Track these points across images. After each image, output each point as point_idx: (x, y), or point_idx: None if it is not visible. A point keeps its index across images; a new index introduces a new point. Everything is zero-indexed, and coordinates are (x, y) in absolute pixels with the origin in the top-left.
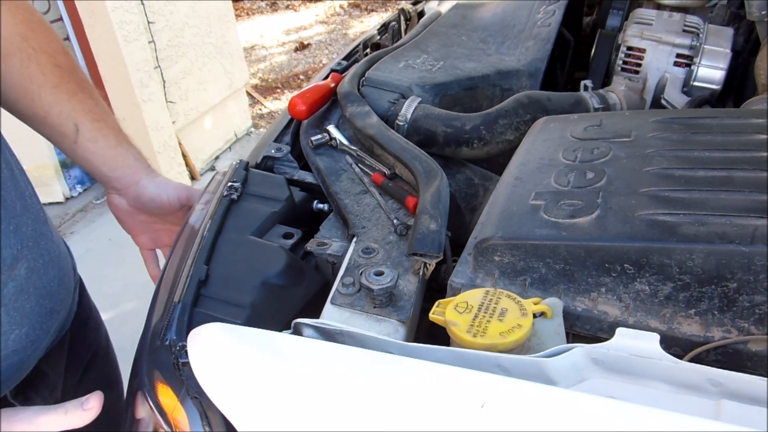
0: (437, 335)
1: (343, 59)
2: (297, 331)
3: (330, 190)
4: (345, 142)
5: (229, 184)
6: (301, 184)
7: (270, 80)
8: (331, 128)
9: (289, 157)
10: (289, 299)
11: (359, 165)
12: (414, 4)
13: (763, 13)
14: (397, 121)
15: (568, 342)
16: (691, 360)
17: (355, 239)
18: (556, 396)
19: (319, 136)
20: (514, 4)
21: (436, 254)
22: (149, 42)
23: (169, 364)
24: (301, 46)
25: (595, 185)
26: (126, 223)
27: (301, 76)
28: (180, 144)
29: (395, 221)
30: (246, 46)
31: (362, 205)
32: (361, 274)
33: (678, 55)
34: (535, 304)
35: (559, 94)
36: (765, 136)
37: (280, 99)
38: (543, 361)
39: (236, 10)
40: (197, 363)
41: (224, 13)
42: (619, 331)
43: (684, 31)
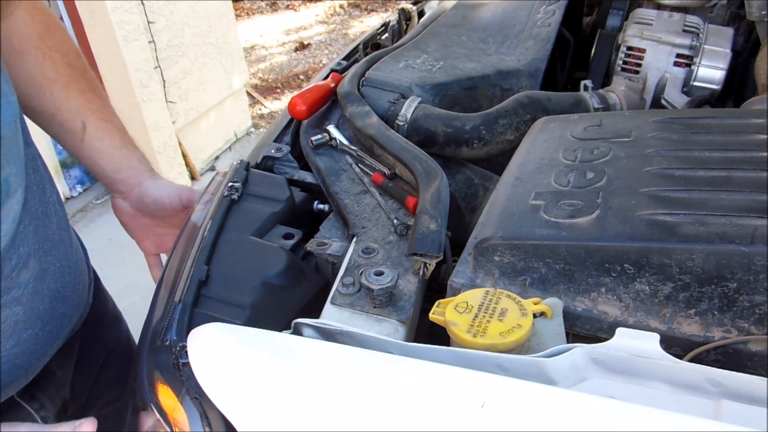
0: (437, 335)
1: (343, 59)
2: (297, 331)
3: (330, 190)
4: (345, 142)
5: (230, 184)
6: (302, 184)
7: (270, 80)
8: (331, 128)
9: (289, 157)
10: (290, 299)
11: (359, 165)
12: (414, 4)
13: (763, 13)
14: (397, 121)
15: (568, 342)
16: (691, 360)
17: (355, 239)
18: (556, 396)
19: (319, 136)
20: (514, 4)
21: (436, 254)
22: (149, 42)
23: (169, 364)
24: (301, 46)
25: (595, 185)
26: (130, 227)
27: (301, 76)
28: (180, 144)
29: (395, 221)
30: (246, 46)
31: (362, 205)
32: (361, 274)
33: (678, 55)
34: (535, 304)
35: (559, 94)
36: (765, 136)
37: (280, 99)
38: (543, 361)
39: (236, 10)
40: (197, 363)
41: (224, 13)
42: (619, 331)
43: (684, 31)
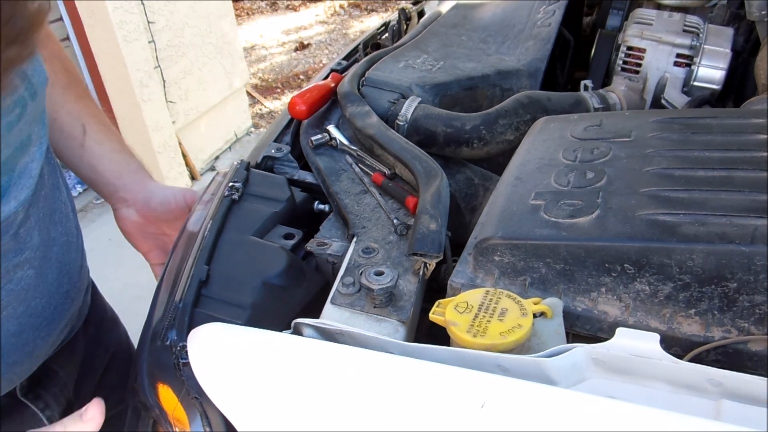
0: (437, 335)
1: (343, 59)
2: (297, 331)
3: (330, 190)
4: (345, 142)
5: (230, 184)
6: (302, 184)
7: (270, 80)
8: (331, 128)
9: (289, 157)
10: (290, 299)
11: (359, 165)
12: (414, 4)
13: (763, 13)
14: (397, 121)
15: (568, 342)
16: (691, 360)
17: (355, 239)
18: (556, 396)
19: (319, 136)
20: (514, 4)
21: (436, 254)
22: (149, 42)
23: (170, 364)
24: (301, 46)
25: (595, 185)
26: (135, 238)
27: (301, 76)
28: (180, 144)
29: (395, 221)
30: (246, 46)
31: (362, 205)
32: (361, 274)
33: (678, 55)
34: (535, 304)
35: (559, 94)
36: (765, 136)
37: (280, 99)
38: (543, 361)
39: (236, 10)
40: (197, 363)
41: (224, 13)
42: (619, 331)
43: (684, 31)
